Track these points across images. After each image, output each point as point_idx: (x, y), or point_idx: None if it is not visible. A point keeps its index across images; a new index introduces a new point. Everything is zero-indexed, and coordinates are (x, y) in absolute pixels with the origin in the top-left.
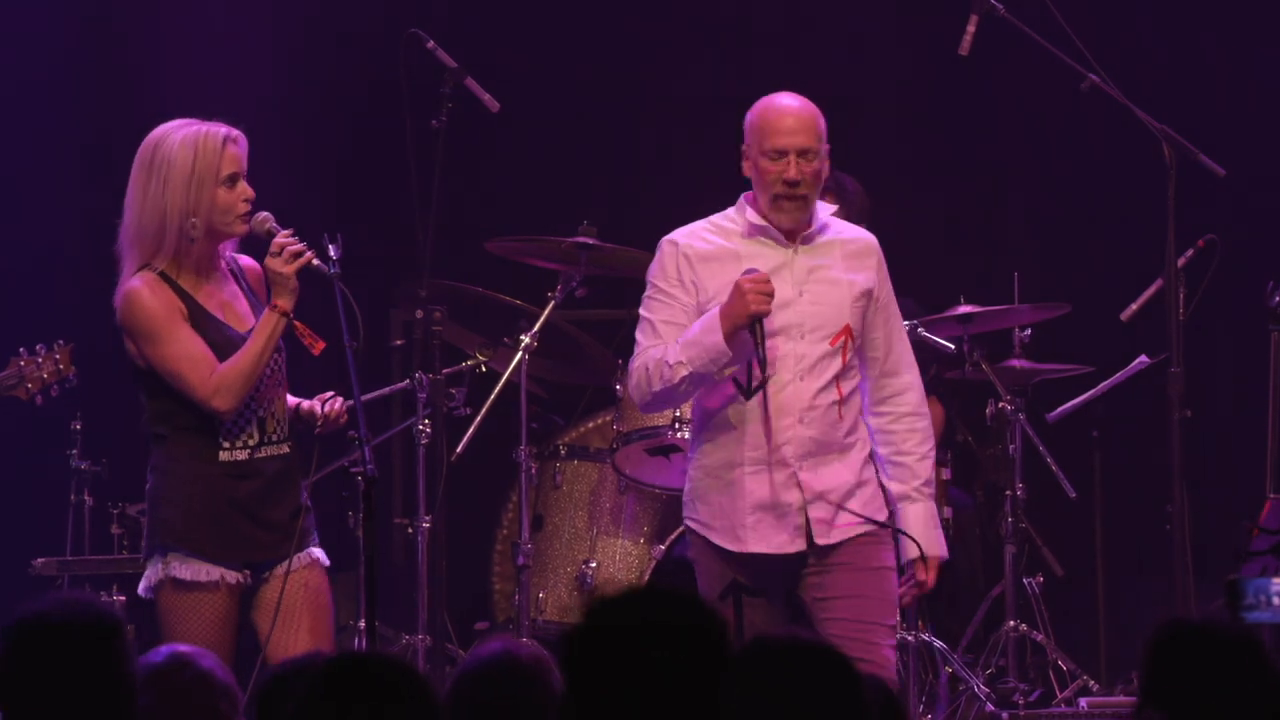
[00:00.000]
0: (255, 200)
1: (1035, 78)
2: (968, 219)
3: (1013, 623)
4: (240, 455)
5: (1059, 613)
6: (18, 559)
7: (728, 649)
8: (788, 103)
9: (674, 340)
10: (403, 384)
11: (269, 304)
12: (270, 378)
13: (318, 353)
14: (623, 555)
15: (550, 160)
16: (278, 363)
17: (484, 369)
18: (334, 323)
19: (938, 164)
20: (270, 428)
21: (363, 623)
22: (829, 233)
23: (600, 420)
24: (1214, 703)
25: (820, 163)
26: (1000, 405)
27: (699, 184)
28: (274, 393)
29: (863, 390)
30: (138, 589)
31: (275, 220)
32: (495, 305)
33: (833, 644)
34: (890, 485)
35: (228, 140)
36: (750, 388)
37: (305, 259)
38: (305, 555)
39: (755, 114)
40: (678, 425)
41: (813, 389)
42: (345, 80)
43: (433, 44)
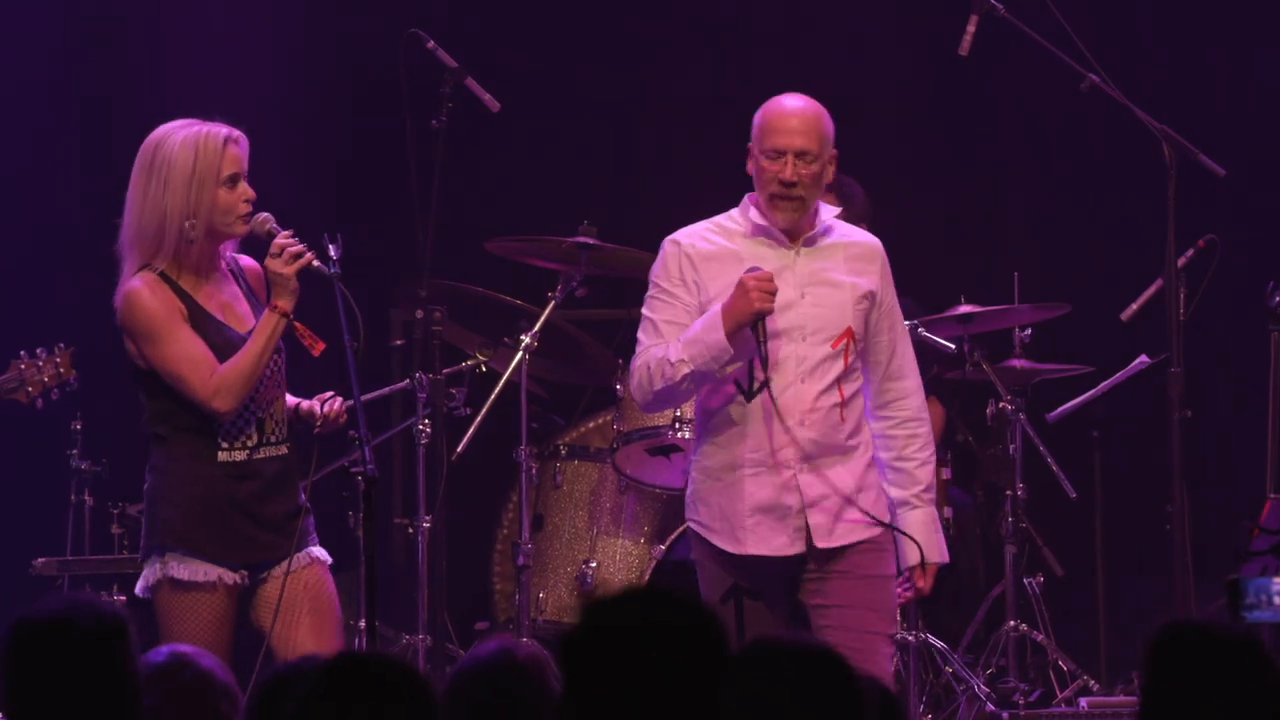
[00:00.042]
0: (256, 201)
1: (1035, 78)
2: (968, 219)
3: (1013, 623)
4: (239, 456)
5: (1059, 613)
6: (18, 559)
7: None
8: (793, 104)
9: (676, 340)
10: (403, 384)
11: (269, 305)
12: (270, 379)
13: (317, 354)
14: (623, 555)
15: (550, 160)
16: (277, 364)
17: (484, 369)
18: (334, 323)
19: (938, 164)
20: (269, 429)
21: (363, 623)
22: (833, 235)
23: (601, 420)
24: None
25: (821, 166)
26: (1000, 405)
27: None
28: (273, 394)
29: (865, 394)
30: (134, 589)
31: (275, 221)
32: (495, 305)
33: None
34: (890, 491)
35: (229, 141)
36: (752, 389)
37: (305, 260)
38: (304, 555)
39: (761, 112)
40: (678, 425)
41: (814, 391)
42: (345, 80)
43: (433, 44)
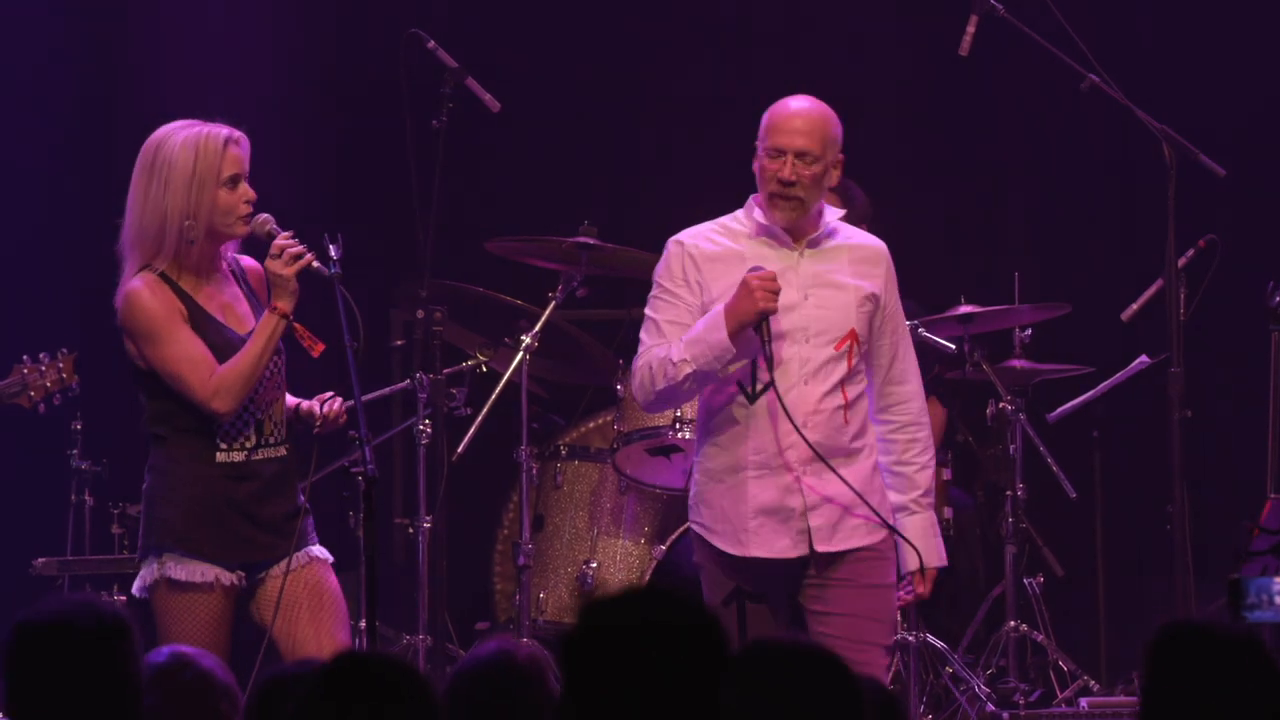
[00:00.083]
0: (256, 201)
1: (1035, 78)
2: (968, 219)
3: (1013, 623)
4: (237, 457)
5: (1059, 613)
6: (18, 559)
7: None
8: (798, 105)
9: (678, 340)
10: (403, 384)
11: (269, 306)
12: (269, 380)
13: (317, 355)
14: (623, 555)
15: (550, 160)
16: (277, 365)
17: (484, 369)
18: (334, 323)
19: (938, 164)
20: (268, 430)
21: (363, 623)
22: (838, 237)
23: (601, 420)
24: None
25: (823, 168)
26: (1001, 405)
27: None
28: (272, 395)
29: (868, 395)
30: (132, 589)
31: (276, 222)
32: (496, 305)
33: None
34: (890, 495)
35: (229, 141)
36: (755, 390)
37: (305, 261)
38: (304, 555)
39: (768, 111)
40: (679, 425)
41: (818, 393)
42: (345, 80)
43: (433, 44)
